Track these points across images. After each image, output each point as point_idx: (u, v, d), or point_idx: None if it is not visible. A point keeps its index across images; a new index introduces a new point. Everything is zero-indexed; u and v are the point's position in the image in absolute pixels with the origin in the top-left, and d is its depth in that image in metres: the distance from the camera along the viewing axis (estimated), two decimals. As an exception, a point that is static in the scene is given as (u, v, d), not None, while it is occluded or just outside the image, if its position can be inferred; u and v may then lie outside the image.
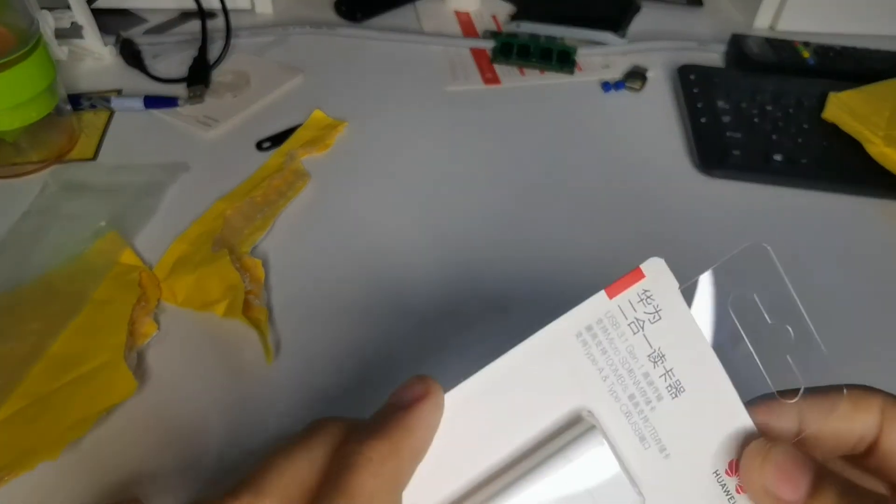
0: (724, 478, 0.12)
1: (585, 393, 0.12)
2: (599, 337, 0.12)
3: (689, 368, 0.12)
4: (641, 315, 0.12)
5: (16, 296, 0.24)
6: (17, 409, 0.21)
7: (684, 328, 0.12)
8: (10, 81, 0.28)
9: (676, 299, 0.12)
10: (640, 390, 0.12)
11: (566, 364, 0.12)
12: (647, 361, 0.12)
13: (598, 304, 0.13)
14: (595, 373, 0.12)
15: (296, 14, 0.44)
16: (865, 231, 0.31)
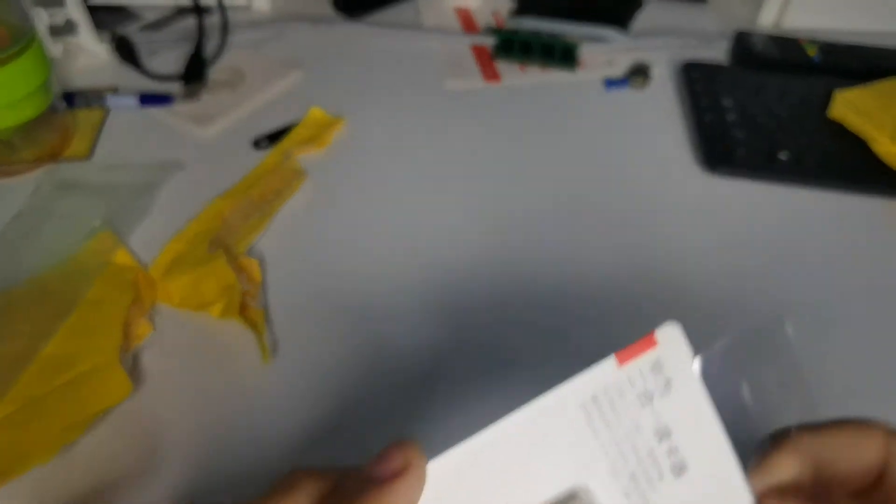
0: None
1: (584, 469, 0.12)
2: (604, 409, 0.12)
3: (695, 446, 0.12)
4: (651, 386, 0.12)
5: (8, 296, 0.24)
6: (10, 412, 0.21)
7: (694, 403, 0.12)
8: (4, 79, 0.28)
9: (688, 372, 0.12)
10: (643, 469, 0.12)
11: (566, 436, 0.12)
12: (653, 437, 0.12)
13: (606, 373, 0.12)
14: (597, 447, 0.12)
15: (293, 10, 0.43)
16: (872, 230, 0.30)
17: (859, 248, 0.29)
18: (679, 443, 0.12)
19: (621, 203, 0.31)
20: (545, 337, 0.24)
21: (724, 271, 0.27)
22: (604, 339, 0.24)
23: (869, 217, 0.31)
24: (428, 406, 0.22)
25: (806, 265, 0.28)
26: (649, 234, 0.29)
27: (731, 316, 0.25)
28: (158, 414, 0.21)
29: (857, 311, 0.26)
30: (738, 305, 0.26)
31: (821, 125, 0.34)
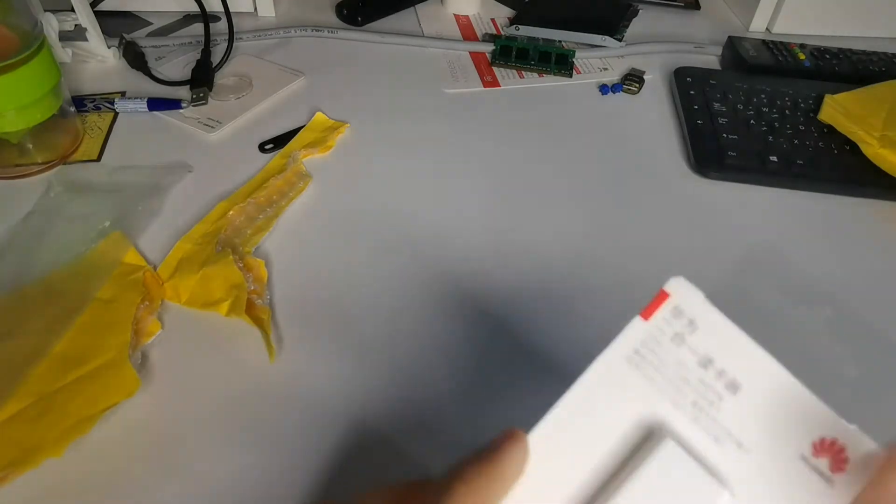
0: (812, 460, 0.12)
1: (650, 410, 0.13)
2: (648, 357, 0.13)
3: (739, 365, 0.13)
4: (679, 329, 0.13)
5: (20, 295, 0.25)
6: (22, 408, 0.21)
7: (721, 331, 0.13)
8: (15, 83, 0.28)
9: (706, 308, 0.13)
10: (701, 395, 0.13)
11: (625, 389, 0.13)
12: (698, 368, 0.13)
13: (636, 329, 0.13)
14: (654, 390, 0.13)
15: (298, 17, 0.44)
16: (861, 232, 0.31)
17: (848, 249, 0.30)
18: (723, 365, 0.13)
19: (615, 205, 0.31)
20: (540, 337, 0.25)
21: (714, 273, 0.28)
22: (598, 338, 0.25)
23: (858, 218, 0.32)
24: (436, 403, 0.22)
25: (796, 266, 0.29)
26: (641, 236, 0.30)
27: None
28: (166, 410, 0.22)
29: (849, 312, 0.27)
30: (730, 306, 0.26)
31: (811, 128, 0.35)
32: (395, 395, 0.23)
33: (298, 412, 0.22)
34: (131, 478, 0.20)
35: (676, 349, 0.13)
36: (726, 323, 0.13)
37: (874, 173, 0.32)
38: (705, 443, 0.12)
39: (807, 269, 0.28)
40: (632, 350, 0.13)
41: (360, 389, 0.23)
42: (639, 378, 0.13)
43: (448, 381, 0.23)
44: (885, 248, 0.30)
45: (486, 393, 0.23)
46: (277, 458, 0.21)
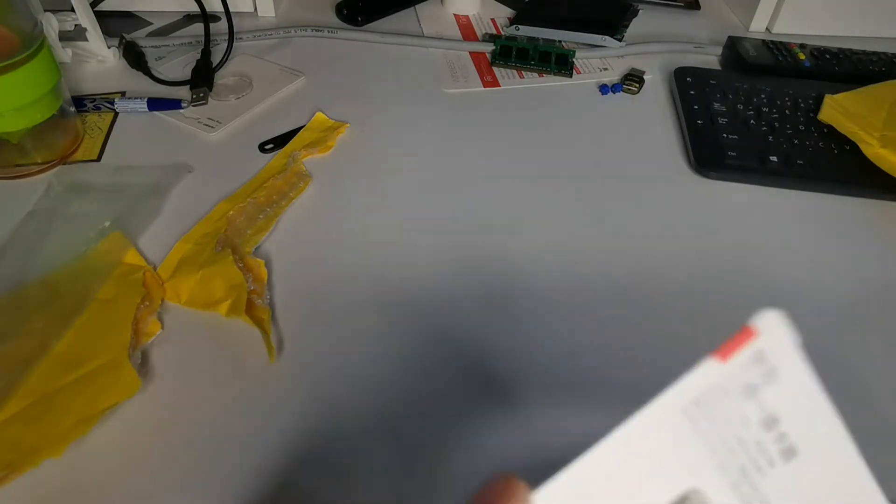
0: None
1: (691, 471, 0.11)
2: (708, 409, 0.11)
3: (806, 430, 0.11)
4: (755, 378, 0.11)
5: (20, 295, 0.25)
6: (22, 408, 0.21)
7: (802, 388, 0.11)
8: (15, 83, 0.28)
9: (794, 358, 0.11)
10: (752, 460, 0.11)
11: (670, 445, 0.11)
12: (760, 428, 0.11)
13: (706, 374, 0.11)
14: (703, 448, 0.11)
15: (298, 17, 0.44)
16: (861, 232, 0.31)
17: (848, 249, 0.30)
18: (788, 429, 0.11)
19: (615, 205, 0.31)
20: (540, 334, 0.25)
21: (715, 272, 0.28)
22: (598, 338, 0.25)
23: (858, 218, 0.32)
24: (434, 403, 0.22)
25: (797, 266, 0.29)
26: (642, 235, 0.30)
27: (722, 317, 0.26)
28: (166, 410, 0.22)
29: (848, 311, 0.27)
30: (729, 307, 0.26)
31: (811, 128, 0.35)
32: (397, 392, 0.23)
33: (298, 412, 0.22)
34: (131, 478, 0.20)
35: (744, 403, 0.11)
36: (810, 378, 0.11)
37: (874, 173, 0.32)
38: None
39: (807, 267, 0.28)
40: (692, 400, 0.11)
41: (362, 389, 0.23)
42: (689, 433, 0.11)
43: (448, 380, 0.23)
44: (885, 248, 0.30)
45: (486, 389, 0.23)
46: (277, 457, 0.21)
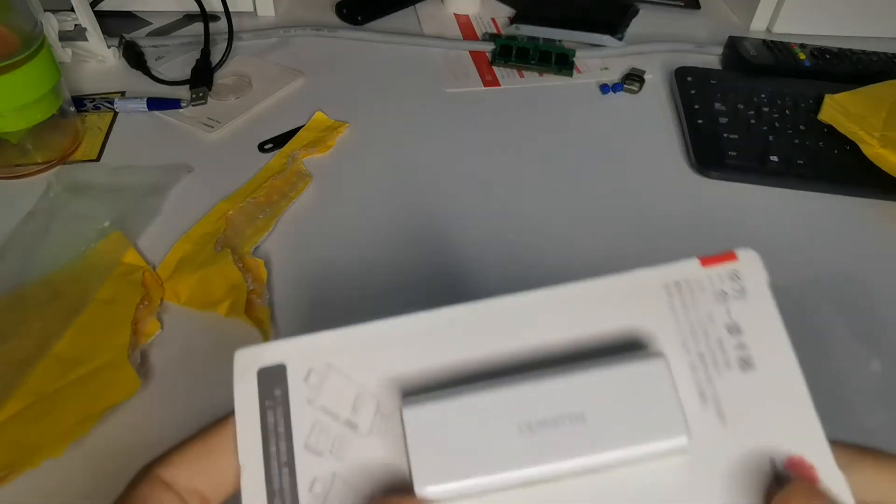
0: (781, 470, 0.11)
1: (657, 334, 0.12)
2: (684, 294, 0.12)
3: (765, 351, 0.12)
4: (728, 289, 0.12)
5: (20, 295, 0.25)
6: (21, 408, 0.21)
7: (766, 316, 0.12)
8: (15, 83, 0.28)
9: (763, 289, 0.12)
10: (711, 352, 0.12)
11: (644, 307, 0.12)
12: (724, 329, 0.12)
13: (688, 267, 0.13)
14: (672, 322, 0.12)
15: (297, 17, 0.44)
16: (861, 231, 0.31)
17: (849, 249, 0.30)
18: (748, 342, 0.12)
19: (615, 205, 0.31)
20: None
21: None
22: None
23: (858, 218, 0.32)
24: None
25: (797, 266, 0.29)
26: (642, 235, 0.30)
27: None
28: (165, 410, 0.22)
29: (849, 311, 0.27)
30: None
31: (811, 128, 0.35)
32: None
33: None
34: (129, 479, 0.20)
35: (714, 303, 0.12)
36: (774, 313, 0.12)
37: (874, 173, 0.32)
38: (691, 393, 0.12)
39: (808, 267, 0.28)
40: (673, 280, 0.12)
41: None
42: (664, 305, 0.12)
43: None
44: (885, 248, 0.30)
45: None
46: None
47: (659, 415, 0.11)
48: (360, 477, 0.11)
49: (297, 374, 0.12)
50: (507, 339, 0.12)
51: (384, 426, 0.12)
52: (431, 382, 0.12)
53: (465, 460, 0.11)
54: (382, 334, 0.13)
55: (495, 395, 0.11)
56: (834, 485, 0.11)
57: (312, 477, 0.11)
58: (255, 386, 0.12)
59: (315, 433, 0.12)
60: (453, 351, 0.12)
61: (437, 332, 0.13)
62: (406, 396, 0.11)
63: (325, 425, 0.12)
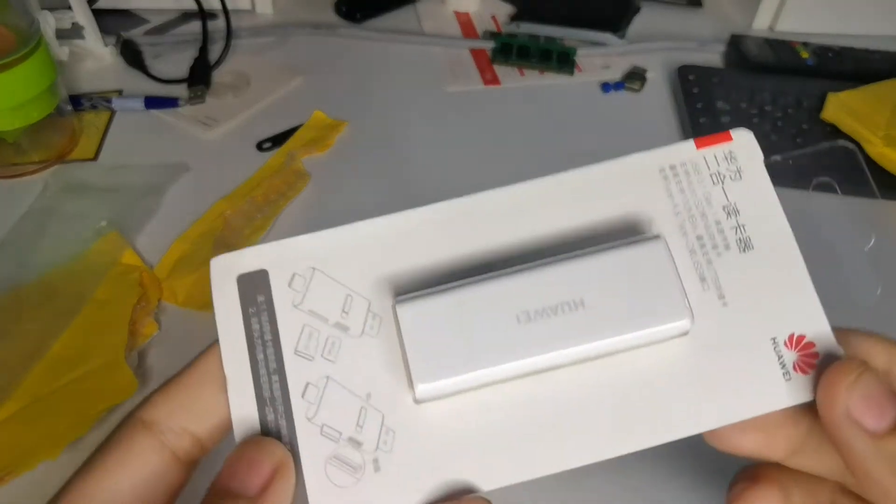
0: (781, 348, 0.11)
1: (654, 219, 0.12)
2: (680, 177, 0.12)
3: (762, 231, 0.12)
4: (724, 170, 0.12)
5: (16, 296, 0.25)
6: (18, 409, 0.21)
7: (762, 195, 0.12)
8: (11, 82, 0.28)
9: (759, 168, 0.12)
10: (710, 234, 0.12)
11: (641, 192, 0.12)
12: (721, 211, 0.12)
13: (683, 150, 0.12)
14: (669, 206, 0.12)
15: (296, 15, 0.44)
16: (863, 231, 0.31)
17: (851, 249, 0.30)
18: (746, 223, 0.12)
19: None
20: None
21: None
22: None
23: (861, 218, 0.31)
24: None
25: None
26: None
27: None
28: (164, 411, 0.22)
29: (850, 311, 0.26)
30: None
31: (814, 127, 0.35)
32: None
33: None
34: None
35: (710, 185, 0.12)
36: (771, 193, 0.12)
37: (878, 172, 0.32)
38: (691, 276, 0.11)
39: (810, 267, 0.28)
40: (669, 164, 0.12)
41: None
42: (661, 189, 0.12)
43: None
44: (887, 248, 0.30)
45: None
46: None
47: (660, 298, 0.11)
48: (355, 378, 0.11)
49: (280, 278, 0.11)
50: (502, 231, 0.12)
51: (377, 326, 0.11)
52: (424, 280, 0.11)
53: (464, 354, 0.10)
54: (368, 234, 0.12)
55: (491, 287, 0.11)
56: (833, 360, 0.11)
57: (305, 382, 0.11)
58: (236, 293, 0.11)
59: (304, 338, 0.11)
60: (445, 246, 0.12)
61: (427, 228, 0.12)
62: (399, 295, 0.11)
63: (314, 329, 0.11)
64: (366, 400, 0.11)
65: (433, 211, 0.12)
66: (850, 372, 0.10)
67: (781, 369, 0.11)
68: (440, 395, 0.11)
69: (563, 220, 0.12)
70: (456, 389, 0.10)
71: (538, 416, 0.11)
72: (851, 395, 0.10)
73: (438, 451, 0.11)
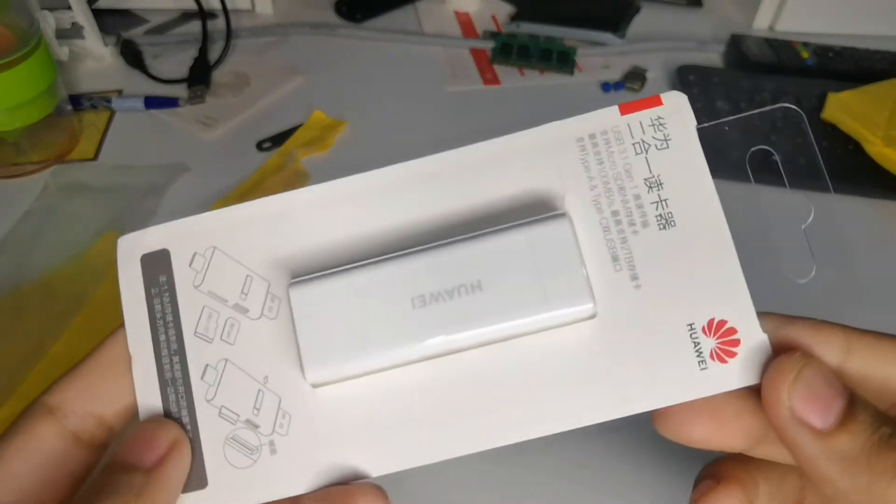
0: (698, 334, 0.10)
1: (565, 195, 0.11)
2: (600, 146, 0.11)
3: (687, 207, 0.11)
4: (649, 139, 0.11)
5: (16, 296, 0.25)
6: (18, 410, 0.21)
7: (691, 165, 0.11)
8: (11, 82, 0.28)
9: (690, 135, 0.11)
10: (627, 210, 0.11)
11: (555, 163, 0.11)
12: (643, 184, 0.11)
13: (606, 117, 0.11)
14: (584, 179, 0.11)
15: (296, 15, 0.44)
16: (864, 231, 0.31)
17: (851, 249, 0.30)
18: (669, 197, 0.11)
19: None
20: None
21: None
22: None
23: (861, 218, 0.31)
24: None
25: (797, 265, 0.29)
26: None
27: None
28: (164, 411, 0.22)
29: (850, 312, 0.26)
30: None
31: (814, 127, 0.35)
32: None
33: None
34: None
35: (633, 156, 0.11)
36: (701, 164, 0.11)
37: (877, 172, 0.32)
38: (602, 255, 0.11)
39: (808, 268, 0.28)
40: (588, 133, 0.11)
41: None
42: (576, 161, 0.11)
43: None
44: (888, 248, 0.30)
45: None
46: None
47: (561, 281, 0.10)
48: (253, 361, 0.11)
49: (181, 258, 0.11)
50: (403, 209, 0.12)
51: (276, 308, 0.11)
52: (323, 261, 0.11)
53: (357, 339, 0.10)
54: (267, 212, 0.12)
55: (386, 270, 0.10)
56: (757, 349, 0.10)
57: (204, 363, 0.11)
58: (140, 273, 0.11)
59: (203, 319, 0.11)
60: (344, 227, 0.11)
61: (328, 206, 0.12)
62: (294, 277, 0.11)
63: (213, 310, 0.11)
64: (263, 383, 0.11)
65: (334, 187, 0.12)
66: (790, 369, 0.10)
67: (697, 357, 0.10)
68: (332, 381, 0.10)
69: (469, 197, 0.11)
70: (348, 375, 0.10)
71: (433, 401, 0.10)
72: (793, 392, 0.10)
73: (332, 436, 0.10)
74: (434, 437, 0.10)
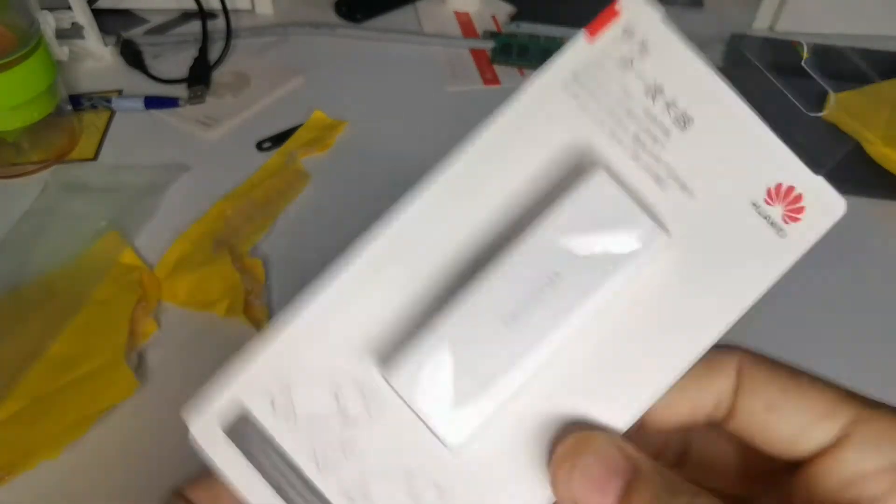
0: (765, 208, 0.10)
1: (584, 143, 0.11)
2: (588, 84, 0.11)
3: (693, 96, 0.11)
4: (626, 52, 0.11)
5: (16, 296, 0.25)
6: (18, 409, 0.21)
7: (676, 56, 0.11)
8: (11, 82, 0.28)
9: (662, 30, 0.11)
10: (644, 128, 0.11)
11: (557, 120, 0.11)
12: (645, 97, 0.11)
13: (578, 51, 0.11)
14: (591, 121, 0.11)
15: (296, 15, 0.44)
16: (864, 231, 0.31)
17: (851, 249, 0.30)
18: (674, 96, 0.11)
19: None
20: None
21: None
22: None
23: (861, 218, 0.31)
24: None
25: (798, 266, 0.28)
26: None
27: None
28: (163, 411, 0.22)
29: (849, 312, 0.26)
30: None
31: (814, 127, 0.35)
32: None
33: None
34: (128, 480, 0.20)
35: (622, 75, 0.11)
36: (683, 47, 0.11)
37: (878, 173, 0.32)
38: (646, 183, 0.11)
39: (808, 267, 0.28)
40: (570, 75, 0.11)
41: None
42: (575, 108, 0.11)
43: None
44: (888, 249, 0.30)
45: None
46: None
47: (626, 227, 0.10)
48: (390, 460, 0.10)
49: (262, 412, 0.11)
50: (438, 248, 0.11)
51: (379, 402, 0.11)
52: (393, 333, 0.11)
53: (471, 382, 0.10)
54: (315, 318, 0.12)
55: (463, 308, 0.10)
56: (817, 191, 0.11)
57: (342, 489, 0.10)
58: (233, 448, 0.11)
59: (319, 451, 0.11)
60: (399, 284, 0.11)
61: (372, 275, 0.12)
62: (381, 361, 0.11)
63: (321, 435, 0.11)
64: (409, 479, 0.10)
65: (367, 260, 0.12)
66: (564, 458, 0.10)
67: (771, 227, 0.11)
68: (468, 432, 0.10)
69: (497, 196, 0.11)
70: (481, 418, 0.10)
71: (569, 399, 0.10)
72: (571, 481, 0.10)
73: (494, 486, 0.10)
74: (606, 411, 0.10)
